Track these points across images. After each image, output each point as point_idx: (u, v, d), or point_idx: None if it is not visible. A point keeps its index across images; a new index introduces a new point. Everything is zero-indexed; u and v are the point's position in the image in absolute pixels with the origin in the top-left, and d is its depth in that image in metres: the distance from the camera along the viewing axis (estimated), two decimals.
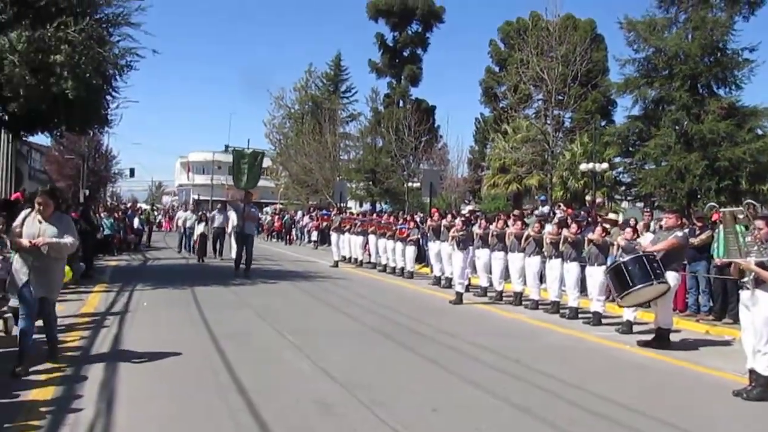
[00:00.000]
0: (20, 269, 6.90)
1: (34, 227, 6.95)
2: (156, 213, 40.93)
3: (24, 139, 23.49)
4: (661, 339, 9.33)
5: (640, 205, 30.65)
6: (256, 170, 18.23)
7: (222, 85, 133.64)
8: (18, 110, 13.38)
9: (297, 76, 65.72)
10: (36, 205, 7.08)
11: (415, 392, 6.49)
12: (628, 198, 34.73)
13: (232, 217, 19.04)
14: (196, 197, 63.44)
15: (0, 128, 18.01)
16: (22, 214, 7.20)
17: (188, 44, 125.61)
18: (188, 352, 7.91)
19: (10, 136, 19.89)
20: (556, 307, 12.31)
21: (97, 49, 13.47)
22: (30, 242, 6.80)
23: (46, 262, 6.91)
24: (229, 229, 20.08)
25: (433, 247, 16.74)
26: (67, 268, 12.71)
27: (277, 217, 40.11)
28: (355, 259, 21.54)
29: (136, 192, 78.52)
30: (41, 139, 30.03)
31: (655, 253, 9.35)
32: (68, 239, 7.01)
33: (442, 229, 15.78)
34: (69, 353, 7.68)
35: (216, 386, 6.45)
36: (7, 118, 15.43)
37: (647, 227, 13.57)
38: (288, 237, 36.41)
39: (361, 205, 46.52)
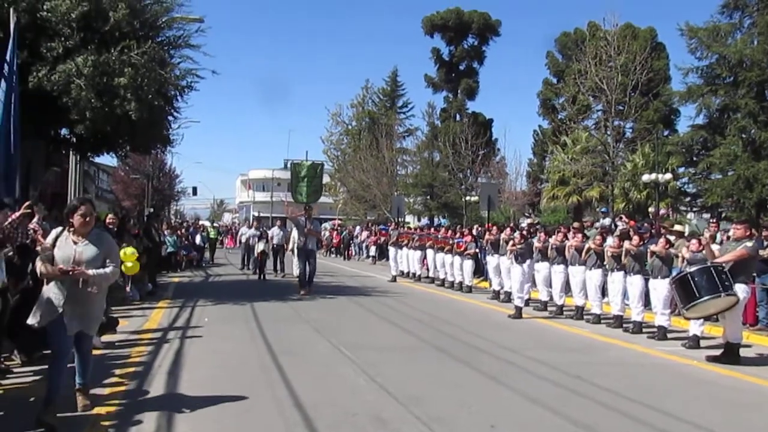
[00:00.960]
0: (54, 299, 5.65)
1: (68, 249, 5.70)
2: (219, 229, 41.62)
3: (91, 159, 24.41)
4: (730, 354, 8.98)
5: (706, 216, 29.78)
6: (317, 183, 17.95)
7: (280, 102, 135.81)
8: (84, 132, 13.81)
9: (354, 92, 66.41)
10: (77, 219, 5.73)
11: (473, 408, 6.38)
12: (694, 209, 33.78)
13: (293, 233, 18.67)
14: (256, 214, 64.52)
15: (68, 150, 18.70)
16: (54, 233, 5.93)
17: (246, 63, 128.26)
18: (247, 367, 8.01)
19: (78, 157, 20.67)
20: (618, 322, 12.00)
21: (159, 71, 13.84)
22: (66, 270, 5.57)
23: (83, 290, 5.69)
24: (291, 245, 19.80)
25: (491, 260, 16.58)
26: (131, 253, 12.96)
27: (335, 232, 40.39)
28: (413, 274, 21.49)
29: (198, 210, 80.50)
30: (107, 159, 31.14)
31: (723, 264, 9.01)
32: (109, 268, 5.79)
33: (500, 242, 15.63)
34: (132, 368, 7.83)
35: (273, 400, 6.47)
36: (74, 140, 16.00)
37: (713, 239, 13.13)
38: (346, 252, 36.64)
39: (419, 220, 46.49)
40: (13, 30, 10.99)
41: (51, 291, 5.70)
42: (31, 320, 5.72)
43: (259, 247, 21.81)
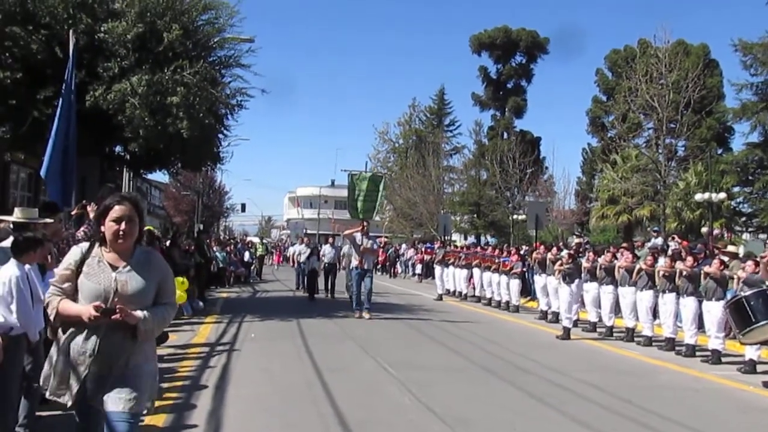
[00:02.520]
0: (76, 358, 3.48)
1: (104, 277, 3.53)
2: (267, 246, 41.99)
3: (143, 176, 25.03)
4: None
5: (762, 236, 28.96)
6: (375, 198, 17.04)
7: (328, 120, 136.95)
8: (138, 149, 14.16)
9: (401, 110, 66.74)
10: (108, 227, 3.55)
11: (519, 430, 6.28)
12: (750, 229, 32.83)
13: (345, 251, 17.50)
14: (304, 231, 65.11)
15: (122, 166, 19.20)
16: (77, 251, 3.63)
17: (293, 81, 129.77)
18: (292, 383, 8.04)
19: (131, 173, 21.21)
20: (671, 344, 11.69)
21: (210, 90, 14.15)
22: (109, 310, 3.40)
23: (121, 342, 3.51)
24: (344, 263, 18.89)
25: (539, 280, 16.37)
26: (180, 282, 12.36)
27: (381, 250, 40.25)
28: (459, 293, 21.35)
29: (247, 226, 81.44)
30: (159, 176, 31.89)
31: None
32: (164, 307, 3.67)
33: (547, 262, 15.43)
34: (179, 382, 7.94)
35: (318, 417, 6.48)
36: (128, 157, 16.41)
37: None
38: (392, 270, 36.59)
39: (465, 238, 46.25)
40: (72, 51, 11.36)
41: (71, 344, 3.51)
42: (49, 393, 3.59)
43: (309, 265, 21.00)
